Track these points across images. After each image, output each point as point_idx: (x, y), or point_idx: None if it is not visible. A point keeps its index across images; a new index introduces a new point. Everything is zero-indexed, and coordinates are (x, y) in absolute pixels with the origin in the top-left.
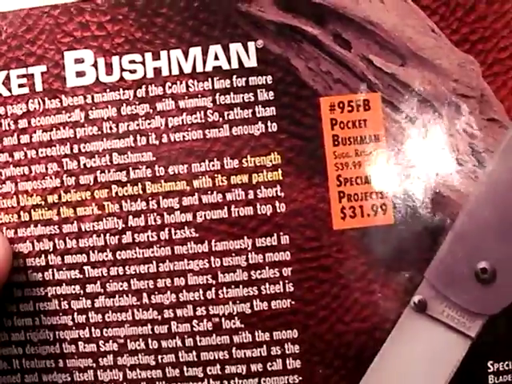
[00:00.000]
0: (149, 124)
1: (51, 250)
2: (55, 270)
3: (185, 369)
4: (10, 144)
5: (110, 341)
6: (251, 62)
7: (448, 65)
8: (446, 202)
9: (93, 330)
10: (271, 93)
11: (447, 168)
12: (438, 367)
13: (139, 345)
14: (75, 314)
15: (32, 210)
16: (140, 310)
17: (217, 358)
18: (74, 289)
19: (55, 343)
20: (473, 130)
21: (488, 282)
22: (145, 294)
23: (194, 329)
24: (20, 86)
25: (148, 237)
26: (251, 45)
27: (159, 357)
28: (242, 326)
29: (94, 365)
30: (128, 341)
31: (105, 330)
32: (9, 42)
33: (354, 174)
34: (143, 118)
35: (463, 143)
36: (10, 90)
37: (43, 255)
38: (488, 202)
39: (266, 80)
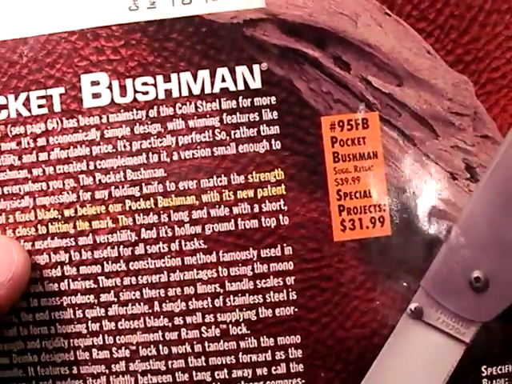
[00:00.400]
0: (160, 142)
1: (67, 261)
2: (71, 280)
3: (194, 373)
4: (29, 161)
5: (123, 347)
6: (256, 83)
7: (443, 84)
8: (441, 215)
9: (106, 337)
10: (275, 112)
11: (442, 182)
12: (433, 371)
13: (150, 351)
14: (89, 322)
15: (49, 224)
16: (151, 317)
17: (224, 362)
18: (89, 298)
19: (69, 351)
20: (467, 146)
21: (481, 290)
22: (156, 303)
23: (203, 335)
24: (39, 106)
25: (159, 248)
26: (256, 67)
27: (169, 362)
28: (248, 332)
29: (107, 371)
30: (140, 347)
31: (118, 337)
32: (29, 66)
33: (353, 189)
34: (155, 137)
35: (457, 159)
36: (29, 111)
37: (59, 266)
38: (481, 214)
39: (270, 100)
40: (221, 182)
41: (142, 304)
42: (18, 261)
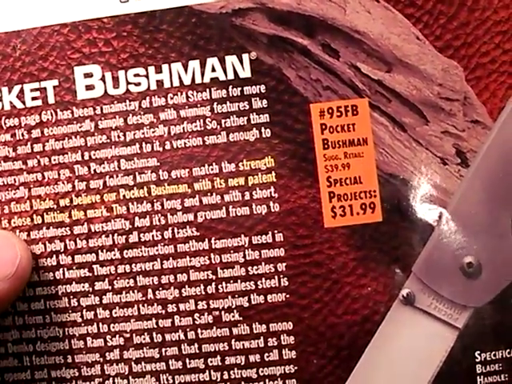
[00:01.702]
0: (153, 132)
1: (62, 250)
2: (66, 269)
3: (187, 361)
4: (24, 152)
5: (117, 335)
6: (246, 72)
7: (432, 70)
8: (432, 200)
9: (100, 325)
10: (265, 101)
11: (433, 168)
12: (426, 357)
13: (144, 339)
14: (84, 310)
15: (44, 214)
16: (145, 305)
17: (217, 349)
18: (84, 286)
19: (64, 340)
20: (457, 131)
21: (474, 275)
22: (150, 290)
23: (196, 322)
24: (33, 98)
25: (153, 236)
26: (245, 57)
27: (163, 350)
28: (241, 318)
29: (101, 359)
30: (134, 335)
31: (112, 325)
32: (22, 59)
33: (343, 175)
34: (148, 127)
35: (448, 144)
36: (23, 103)
37: (54, 255)
38: (472, 199)
39: (259, 89)
40: (212, 170)
41: (135, 292)
42: (21, 256)
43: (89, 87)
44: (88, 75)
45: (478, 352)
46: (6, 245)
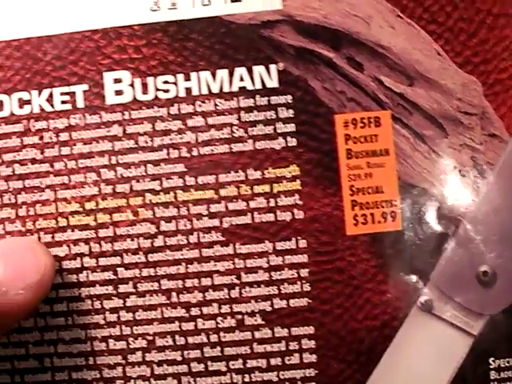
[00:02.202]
0: (180, 138)
1: (87, 253)
2: (90, 271)
3: (209, 363)
4: (51, 155)
5: (140, 338)
6: (273, 82)
7: (452, 85)
8: (450, 210)
9: (123, 327)
10: (291, 111)
11: (451, 179)
12: (442, 363)
13: (167, 341)
14: (107, 312)
15: (70, 216)
16: (169, 308)
17: (239, 352)
18: (107, 289)
19: (86, 341)
20: (475, 144)
21: (489, 284)
22: (174, 293)
23: (219, 325)
24: (63, 102)
25: (178, 240)
26: (273, 67)
27: (185, 352)
28: (263, 322)
29: (123, 361)
30: (156, 337)
31: (135, 327)
32: (53, 63)
33: (365, 185)
34: (175, 133)
35: (466, 156)
36: (52, 106)
37: (79, 258)
38: (489, 210)
39: (286, 99)
40: (238, 176)
41: (159, 295)
42: (45, 264)
43: (118, 92)
44: (117, 81)
45: (493, 359)
46: (30, 252)
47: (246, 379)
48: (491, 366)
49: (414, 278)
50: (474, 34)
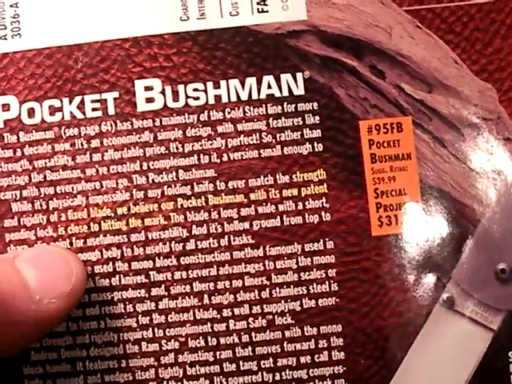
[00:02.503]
0: (211, 144)
1: (119, 257)
2: (122, 275)
3: (241, 363)
4: (83, 161)
5: (172, 340)
6: (299, 90)
7: (469, 91)
8: (469, 210)
9: (156, 330)
10: (317, 117)
11: (470, 180)
12: (464, 357)
13: (199, 342)
14: (140, 316)
15: (102, 221)
16: (201, 310)
17: (270, 352)
18: (140, 292)
19: (119, 344)
20: (491, 147)
21: (507, 281)
22: (205, 296)
23: (250, 326)
24: (93, 109)
25: (209, 244)
26: (299, 75)
27: (217, 353)
28: (293, 322)
29: (156, 363)
30: (189, 339)
31: (167, 330)
32: (84, 71)
33: (389, 188)
34: (206, 139)
35: (483, 159)
36: (83, 113)
37: (111, 262)
38: (506, 210)
39: (312, 106)
40: (267, 181)
41: (191, 297)
42: (76, 273)
43: (149, 100)
44: (148, 88)
45: (511, 353)
46: (61, 261)
47: (277, 377)
48: (510, 360)
49: (435, 276)
50: (489, 43)
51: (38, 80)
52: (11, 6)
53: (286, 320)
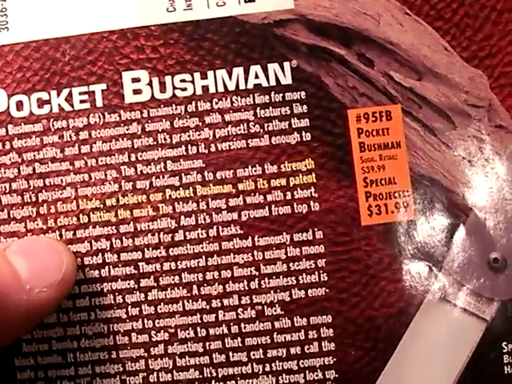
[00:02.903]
0: (198, 135)
1: (108, 248)
2: (111, 266)
3: (230, 354)
4: (71, 154)
5: (162, 331)
6: (287, 79)
7: (459, 79)
8: (461, 199)
9: (145, 321)
10: (305, 106)
11: (461, 168)
12: (457, 348)
13: (189, 333)
14: (129, 307)
15: (91, 213)
16: (190, 301)
17: (260, 343)
18: (129, 284)
19: (109, 336)
20: (482, 135)
21: (499, 270)
22: (195, 286)
23: (239, 316)
24: (81, 101)
25: (198, 234)
26: (287, 65)
27: (207, 344)
28: (282, 312)
29: (146, 354)
30: (178, 330)
31: (157, 321)
32: (71, 63)
33: (378, 176)
34: (193, 130)
35: (474, 147)
36: (72, 106)
37: (100, 254)
38: (498, 198)
39: (300, 95)
40: (255, 171)
41: (180, 288)
42: (66, 262)
43: (136, 91)
44: (136, 80)
45: (505, 343)
46: (52, 251)
47: (267, 368)
48: (504, 350)
49: (427, 266)
50: (480, 29)
51: (25, 73)
52: None
53: (275, 311)
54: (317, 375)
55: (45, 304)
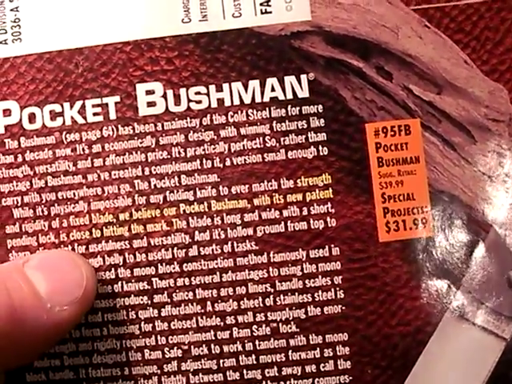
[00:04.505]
0: (213, 149)
1: (121, 263)
2: (124, 282)
3: (245, 372)
4: (84, 167)
5: (175, 347)
6: (304, 92)
7: (479, 92)
8: (480, 216)
9: (159, 337)
10: (322, 120)
11: (481, 184)
12: (476, 367)
13: (202, 350)
14: (142, 323)
15: (104, 227)
16: (204, 317)
17: (274, 360)
18: (142, 299)
19: (122, 352)
20: (502, 150)
21: None
22: (209, 303)
23: (254, 334)
24: (95, 114)
25: (212, 250)
26: (304, 77)
27: (221, 361)
28: (298, 330)
29: (159, 371)
30: (192, 347)
31: (170, 337)
32: (85, 75)
33: (397, 192)
34: (208, 144)
35: (494, 162)
36: (85, 118)
37: (113, 269)
38: None
39: (317, 109)
40: (271, 186)
41: (194, 304)
42: (87, 277)
43: (150, 104)
44: (150, 92)
45: None
46: (72, 266)
47: None
48: None
49: (446, 283)
50: (500, 42)
51: (38, 85)
52: (12, 10)
53: (290, 328)
54: None
55: (66, 322)
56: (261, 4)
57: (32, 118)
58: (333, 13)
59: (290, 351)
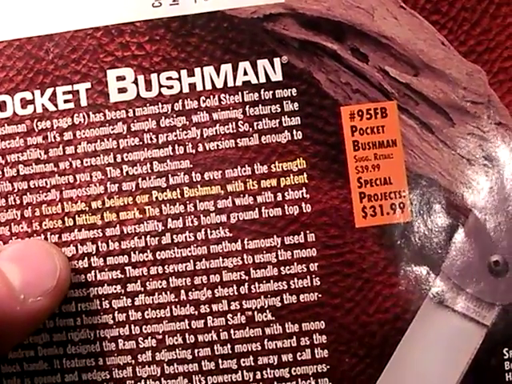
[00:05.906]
0: (186, 135)
1: (94, 252)
2: (97, 271)
3: (220, 361)
4: (56, 155)
5: (149, 337)
6: (277, 76)
7: (457, 74)
8: (460, 200)
9: (132, 327)
10: (296, 104)
11: (460, 168)
12: (456, 355)
13: (177, 340)
14: (116, 312)
15: (76, 216)
16: (178, 306)
17: (250, 349)
18: (116, 288)
19: (95, 342)
20: (482, 132)
21: (500, 274)
22: (182, 291)
23: (229, 322)
24: (66, 101)
25: (186, 237)
26: (277, 61)
27: (196, 351)
28: (273, 318)
29: (133, 361)
30: (166, 336)
31: (144, 326)
32: (55, 62)
33: (373, 176)
34: (180, 130)
35: (473, 145)
36: (56, 106)
37: (86, 258)
38: (499, 199)
39: (291, 92)
40: (245, 171)
41: (168, 293)
42: (60, 268)
43: (121, 90)
44: (121, 78)
45: (506, 349)
46: (46, 256)
47: (258, 376)
48: (505, 357)
49: (424, 269)
50: (478, 23)
51: (8, 72)
52: None
53: (266, 316)
54: (310, 383)
55: (39, 313)
56: None
57: (3, 106)
58: None
59: (266, 340)
